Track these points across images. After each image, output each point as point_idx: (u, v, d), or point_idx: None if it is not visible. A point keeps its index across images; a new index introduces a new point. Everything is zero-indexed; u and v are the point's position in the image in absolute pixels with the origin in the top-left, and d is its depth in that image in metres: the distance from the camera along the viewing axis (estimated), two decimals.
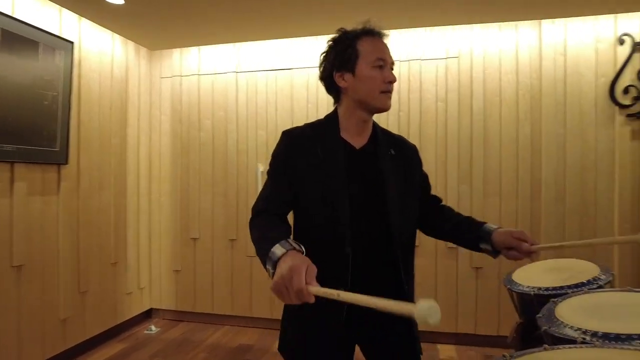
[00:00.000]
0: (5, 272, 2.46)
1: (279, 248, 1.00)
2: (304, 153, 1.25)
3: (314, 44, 3.45)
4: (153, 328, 3.46)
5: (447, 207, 1.49)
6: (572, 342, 1.26)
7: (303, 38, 3.46)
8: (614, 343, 1.19)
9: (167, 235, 3.73)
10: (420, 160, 1.43)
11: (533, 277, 1.97)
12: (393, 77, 1.25)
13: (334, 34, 1.31)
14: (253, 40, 3.55)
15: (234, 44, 3.60)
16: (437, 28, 3.24)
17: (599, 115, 2.96)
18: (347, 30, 1.28)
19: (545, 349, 1.21)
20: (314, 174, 1.23)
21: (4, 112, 2.40)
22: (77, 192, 2.95)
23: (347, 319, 1.20)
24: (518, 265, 2.15)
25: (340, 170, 1.23)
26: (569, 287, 1.71)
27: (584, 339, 1.25)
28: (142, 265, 3.64)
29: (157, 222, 3.74)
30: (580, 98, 3.00)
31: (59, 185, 2.82)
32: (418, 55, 3.23)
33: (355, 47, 1.24)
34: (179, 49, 3.71)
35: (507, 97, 3.14)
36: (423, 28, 3.25)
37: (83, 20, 3.03)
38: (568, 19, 3.01)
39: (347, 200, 1.21)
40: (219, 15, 2.99)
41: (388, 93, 1.25)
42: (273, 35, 3.45)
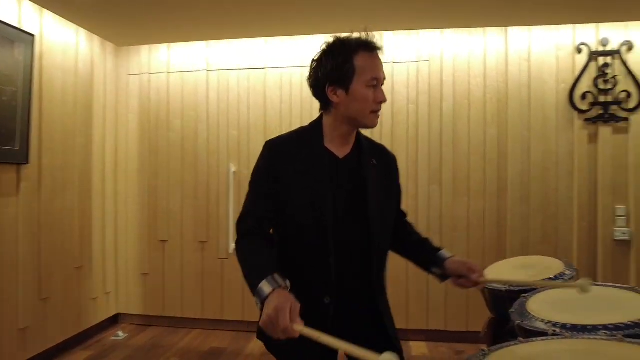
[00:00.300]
0: None
1: (267, 285, 1.07)
2: (287, 163, 1.25)
3: (288, 44, 3.44)
4: (120, 334, 3.34)
5: (409, 223, 1.52)
6: (543, 334, 1.32)
7: (277, 38, 3.45)
8: (582, 334, 1.27)
9: (134, 238, 3.61)
10: (398, 171, 1.44)
11: (503, 274, 2.06)
12: (385, 97, 1.24)
13: (329, 40, 1.25)
14: (225, 39, 3.49)
15: (206, 42, 3.53)
16: (408, 32, 3.31)
17: (560, 119, 3.12)
18: (344, 41, 1.22)
19: (520, 342, 1.27)
20: (298, 184, 1.23)
21: None
22: (38, 193, 2.80)
23: (331, 326, 1.22)
24: (487, 264, 2.24)
25: (324, 180, 1.24)
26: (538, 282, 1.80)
27: (555, 331, 1.32)
28: (108, 269, 3.51)
29: (123, 224, 3.61)
30: (543, 102, 3.15)
31: (19, 186, 2.67)
32: (390, 58, 3.29)
33: (353, 62, 1.20)
34: (148, 46, 3.60)
35: (475, 100, 3.25)
36: (396, 31, 3.31)
37: (45, 13, 2.88)
38: (532, 27, 3.16)
39: (331, 210, 1.23)
40: (190, 12, 2.92)
41: (377, 112, 1.25)
42: (246, 34, 3.42)
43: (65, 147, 3.05)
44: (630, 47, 3.02)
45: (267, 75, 3.48)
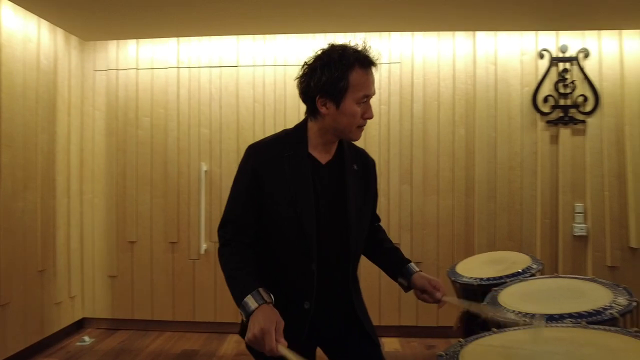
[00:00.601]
0: None
1: (252, 300, 1.11)
2: (270, 168, 1.24)
3: (261, 43, 3.42)
4: (87, 339, 3.22)
5: (382, 228, 1.56)
6: (515, 324, 1.39)
7: (249, 36, 3.43)
8: (550, 322, 1.35)
9: (101, 239, 3.48)
10: (376, 176, 1.47)
11: (474, 269, 2.13)
12: (372, 114, 1.26)
13: (326, 48, 1.23)
14: (196, 36, 3.44)
15: (177, 39, 3.46)
16: (380, 34, 3.36)
17: (524, 121, 3.27)
18: (342, 54, 1.20)
19: (494, 332, 1.33)
20: (281, 190, 1.24)
21: None
22: None
23: (308, 329, 1.25)
24: (458, 260, 2.32)
25: (308, 187, 1.25)
26: (507, 276, 1.88)
27: (525, 321, 1.39)
28: (73, 272, 3.36)
29: (89, 225, 3.48)
30: (509, 104, 3.29)
31: None
32: None
33: (348, 79, 1.19)
34: (115, 41, 3.49)
35: (444, 101, 3.35)
36: (367, 33, 3.36)
37: (4, 1, 2.73)
38: (498, 32, 3.29)
39: (314, 217, 1.24)
40: (161, 8, 2.85)
41: (363, 127, 1.27)
42: (218, 32, 3.37)
43: (27, 144, 2.91)
44: (587, 54, 3.20)
45: (239, 74, 3.45)
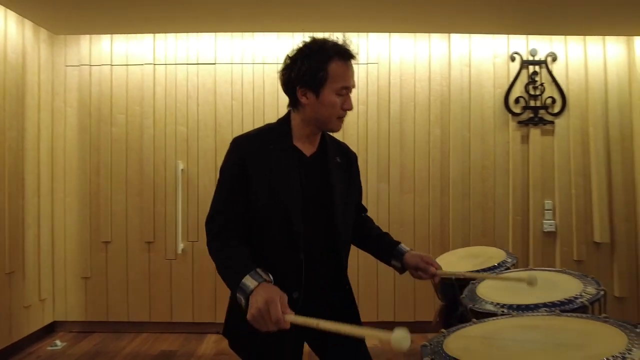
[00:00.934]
0: None
1: (251, 280, 1.08)
2: (256, 160, 1.25)
3: (239, 40, 3.41)
4: (58, 343, 3.11)
5: (369, 218, 1.60)
6: (493, 314, 1.46)
7: (228, 34, 3.40)
8: (526, 312, 1.42)
9: (73, 239, 3.38)
10: (358, 169, 1.51)
11: (452, 263, 2.21)
12: (351, 105, 1.28)
13: (307, 41, 1.27)
14: (173, 32, 3.38)
15: (153, 35, 3.39)
16: (358, 34, 3.41)
17: (497, 121, 3.39)
18: (321, 46, 1.23)
19: (474, 322, 1.39)
20: (268, 181, 1.24)
21: None
22: None
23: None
24: (433, 256, 2.38)
25: (294, 178, 1.27)
26: (484, 270, 1.96)
27: (503, 311, 1.46)
28: (43, 274, 3.25)
29: (61, 225, 3.37)
30: (482, 105, 3.40)
31: None
32: None
33: (326, 69, 1.22)
34: (88, 36, 3.39)
35: (420, 102, 3.43)
36: (346, 33, 3.40)
37: None
38: (472, 35, 3.39)
39: (300, 207, 1.25)
40: (136, 3, 2.79)
41: (342, 118, 1.29)
42: (195, 29, 3.33)
43: None
44: (555, 58, 3.36)
45: (217, 71, 3.42)
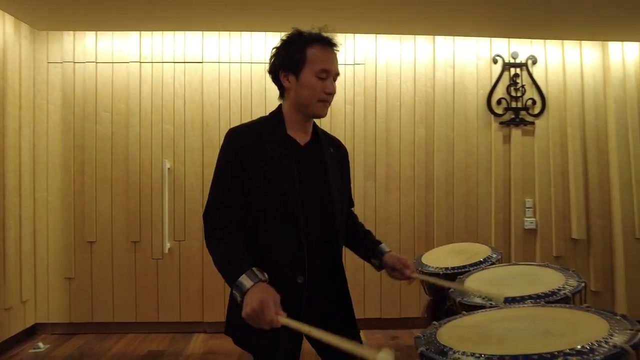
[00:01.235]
0: None
1: (247, 279, 1.11)
2: (252, 149, 1.28)
3: (226, 39, 3.41)
4: (41, 345, 3.05)
5: (354, 214, 1.64)
6: (481, 307, 1.52)
7: (216, 32, 3.40)
8: (513, 304, 1.48)
9: (56, 240, 3.31)
10: (349, 163, 1.55)
11: (439, 259, 2.27)
12: (333, 89, 1.31)
13: (288, 32, 1.33)
14: (160, 30, 3.36)
15: (138, 32, 3.36)
16: (345, 35, 3.45)
17: (480, 122, 3.49)
18: (301, 33, 1.31)
19: (464, 315, 1.44)
20: (265, 169, 1.27)
21: None
22: None
23: (305, 305, 1.28)
24: (418, 252, 2.45)
25: (290, 166, 1.29)
26: (470, 265, 2.02)
27: (491, 304, 1.52)
28: (25, 275, 3.18)
29: (43, 224, 3.30)
30: (465, 106, 3.49)
31: None
32: None
33: (305, 52, 1.28)
34: (72, 32, 3.33)
35: (405, 102, 3.50)
36: (333, 34, 3.44)
37: None
38: (456, 38, 3.48)
39: (297, 192, 1.28)
40: (122, 0, 2.77)
41: (325, 102, 1.32)
42: (182, 27, 3.32)
43: None
44: (535, 61, 3.48)
45: (204, 70, 3.41)
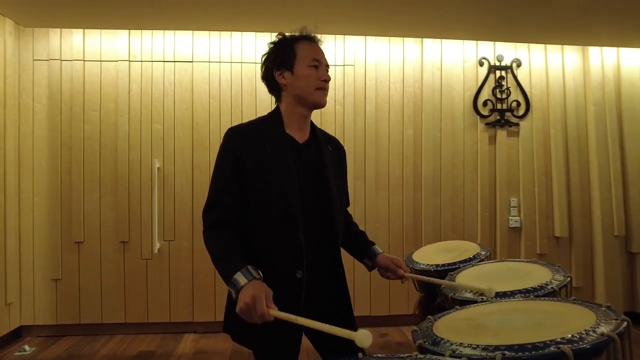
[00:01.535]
0: None
1: (242, 277, 1.15)
2: (252, 148, 1.31)
3: (216, 39, 3.41)
4: (27, 348, 3.00)
5: (349, 213, 1.67)
6: (473, 302, 1.57)
7: (206, 32, 3.39)
8: (504, 298, 1.54)
9: (43, 240, 3.26)
10: (346, 163, 1.59)
11: (429, 256, 2.32)
12: (328, 76, 1.38)
13: (275, 38, 1.41)
14: (149, 29, 3.34)
15: (127, 31, 3.33)
16: (335, 36, 3.49)
17: (466, 122, 3.57)
18: (285, 35, 1.40)
19: (457, 309, 1.49)
20: (264, 167, 1.30)
21: None
22: None
23: (304, 300, 1.31)
24: (407, 250, 2.51)
25: (289, 163, 1.32)
26: (460, 262, 2.08)
27: (482, 299, 1.57)
28: (10, 277, 3.12)
29: (29, 225, 3.25)
30: (452, 107, 3.57)
31: None
32: None
33: (294, 48, 1.36)
34: (59, 29, 3.29)
35: (394, 103, 3.56)
36: (322, 35, 3.47)
37: None
38: (443, 40, 3.56)
39: (296, 188, 1.31)
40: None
41: (323, 90, 1.37)
42: (172, 26, 3.31)
43: None
44: (519, 64, 3.58)
45: (194, 69, 3.41)
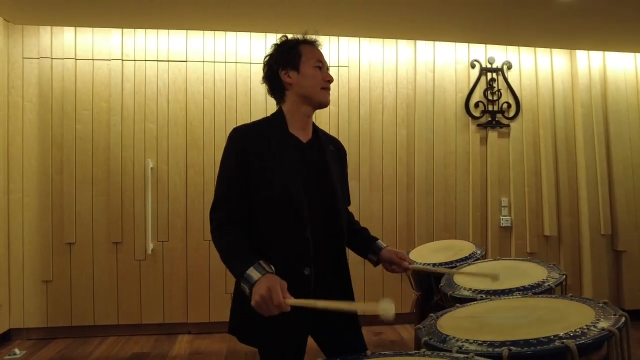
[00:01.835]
0: None
1: (255, 272, 1.16)
2: (257, 146, 1.33)
3: (211, 39, 3.40)
4: (17, 351, 2.95)
5: (350, 212, 1.69)
6: (472, 299, 1.61)
7: (200, 32, 3.38)
8: (503, 296, 1.58)
9: (33, 241, 3.20)
10: (347, 163, 1.62)
11: (426, 255, 2.37)
12: (331, 77, 1.44)
13: (277, 40, 1.45)
14: (143, 28, 3.31)
15: (120, 30, 3.30)
16: (329, 37, 3.50)
17: (458, 124, 3.63)
18: (288, 38, 1.45)
19: (458, 307, 1.53)
20: (269, 166, 1.32)
21: None
22: None
23: (313, 297, 1.32)
24: (400, 249, 2.52)
25: (294, 162, 1.35)
26: (457, 261, 2.13)
27: (482, 297, 1.61)
28: None
29: (18, 226, 3.19)
30: (445, 108, 3.62)
31: None
32: None
33: (298, 49, 1.40)
34: (49, 27, 3.23)
35: (388, 104, 3.59)
36: (317, 36, 3.49)
37: None
38: (436, 42, 3.61)
39: (302, 187, 1.33)
40: None
41: (327, 90, 1.43)
42: (166, 26, 3.28)
43: None
44: (510, 66, 3.65)
45: (188, 68, 3.39)
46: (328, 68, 1.46)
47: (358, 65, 3.56)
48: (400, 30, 3.41)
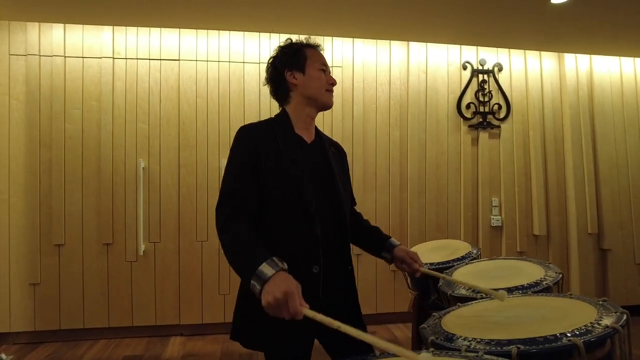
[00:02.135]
0: None
1: (268, 268, 1.10)
2: (265, 144, 1.34)
3: (204, 38, 3.37)
4: (4, 356, 2.86)
5: (358, 212, 1.71)
6: (472, 299, 1.63)
7: (193, 30, 3.35)
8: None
9: (20, 243, 3.12)
10: (348, 165, 1.63)
11: (423, 255, 2.36)
12: (334, 80, 1.47)
13: (282, 43, 1.47)
14: (135, 26, 3.26)
15: (112, 27, 3.24)
16: (323, 37, 3.50)
17: (450, 124, 3.67)
18: (292, 41, 1.48)
19: (459, 306, 1.55)
20: (278, 163, 1.33)
21: None
22: None
23: (321, 294, 1.32)
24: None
25: (300, 161, 1.36)
26: (454, 260, 2.16)
27: (481, 296, 1.63)
28: None
29: (4, 227, 3.10)
30: (437, 109, 3.66)
31: None
32: None
33: (304, 52, 1.43)
34: (37, 24, 3.16)
35: (381, 104, 3.61)
36: (311, 35, 3.48)
37: None
38: (429, 44, 3.64)
39: (310, 185, 1.34)
40: None
41: (331, 92, 1.46)
42: (158, 24, 3.24)
43: None
44: (500, 68, 3.71)
45: (181, 67, 3.35)
46: (331, 72, 1.48)
47: (352, 66, 3.57)
48: (394, 32, 3.43)
